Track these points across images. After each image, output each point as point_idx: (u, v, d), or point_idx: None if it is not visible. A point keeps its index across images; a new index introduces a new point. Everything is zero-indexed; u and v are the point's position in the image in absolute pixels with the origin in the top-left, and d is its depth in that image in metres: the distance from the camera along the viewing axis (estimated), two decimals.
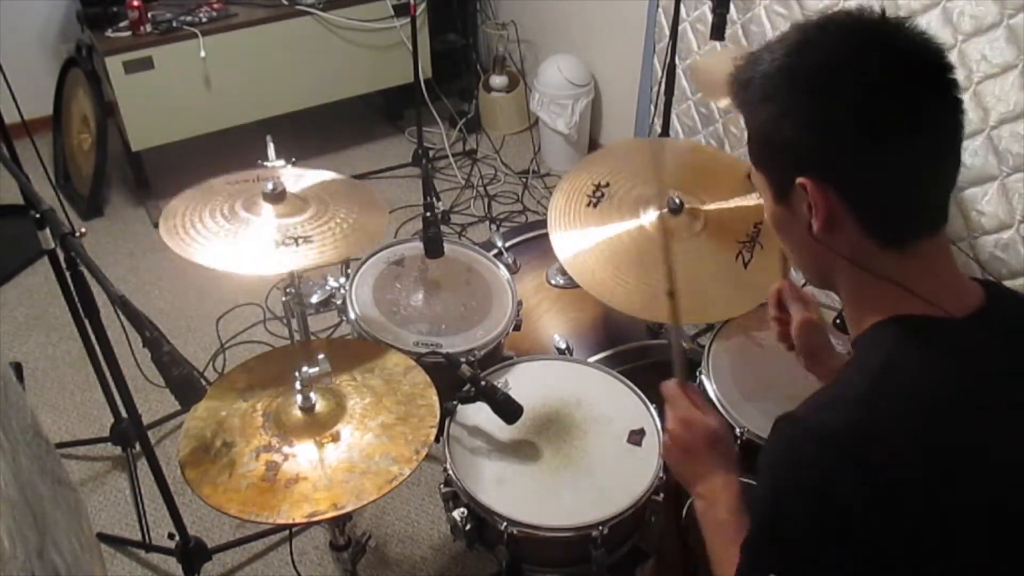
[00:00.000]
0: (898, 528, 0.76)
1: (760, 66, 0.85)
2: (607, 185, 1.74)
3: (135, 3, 2.90)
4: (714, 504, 1.00)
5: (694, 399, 1.08)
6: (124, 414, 1.63)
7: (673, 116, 2.74)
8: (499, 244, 2.04)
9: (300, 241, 1.51)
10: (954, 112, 0.82)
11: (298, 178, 1.69)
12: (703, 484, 1.02)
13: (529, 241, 2.12)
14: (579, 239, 1.67)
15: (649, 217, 1.68)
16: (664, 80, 2.41)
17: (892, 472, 0.76)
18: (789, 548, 0.79)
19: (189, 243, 1.48)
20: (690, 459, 1.04)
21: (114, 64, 2.92)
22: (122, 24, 2.97)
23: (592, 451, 1.49)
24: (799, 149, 0.83)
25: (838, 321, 1.64)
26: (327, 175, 1.74)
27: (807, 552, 0.78)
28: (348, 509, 1.24)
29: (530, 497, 1.41)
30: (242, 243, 1.50)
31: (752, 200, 1.79)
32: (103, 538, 2.07)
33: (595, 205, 1.71)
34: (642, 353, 1.85)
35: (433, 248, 1.74)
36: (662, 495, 1.44)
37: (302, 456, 1.32)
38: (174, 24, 3.00)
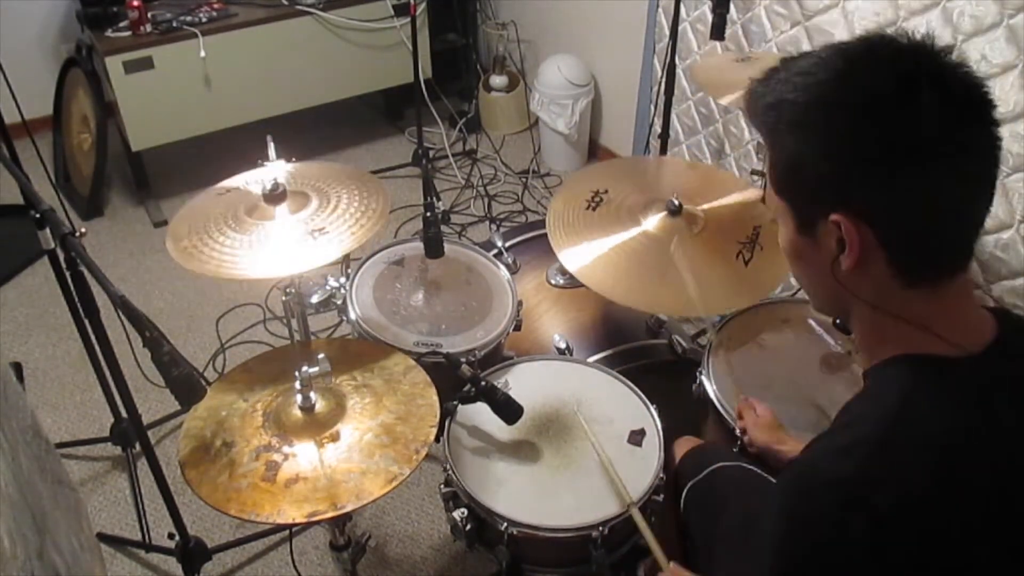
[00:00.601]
0: (910, 573, 0.75)
1: (790, 88, 0.80)
2: (605, 191, 1.75)
3: (135, 3, 2.90)
4: None
5: None
6: (124, 414, 1.63)
7: (673, 116, 2.74)
8: (499, 244, 2.05)
9: (319, 232, 1.50)
10: (994, 148, 0.80)
11: (279, 175, 1.67)
12: None
13: (529, 241, 2.12)
14: (584, 245, 1.67)
15: (651, 221, 1.69)
16: (664, 80, 2.41)
17: (905, 518, 0.75)
18: None
19: (211, 260, 1.46)
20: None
21: (114, 64, 2.92)
22: (122, 24, 2.97)
23: (592, 451, 1.49)
24: (837, 184, 0.79)
25: (838, 321, 1.64)
26: (314, 166, 1.74)
27: None
28: (348, 509, 1.24)
29: (530, 497, 1.41)
30: (270, 245, 1.49)
31: (748, 198, 1.79)
32: (103, 538, 2.07)
33: (594, 209, 1.72)
34: (642, 353, 1.85)
35: (433, 248, 1.74)
36: (662, 495, 1.44)
37: (302, 456, 1.32)
38: (174, 24, 3.00)
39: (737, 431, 1.47)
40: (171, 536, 1.71)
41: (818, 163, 0.79)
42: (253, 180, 1.68)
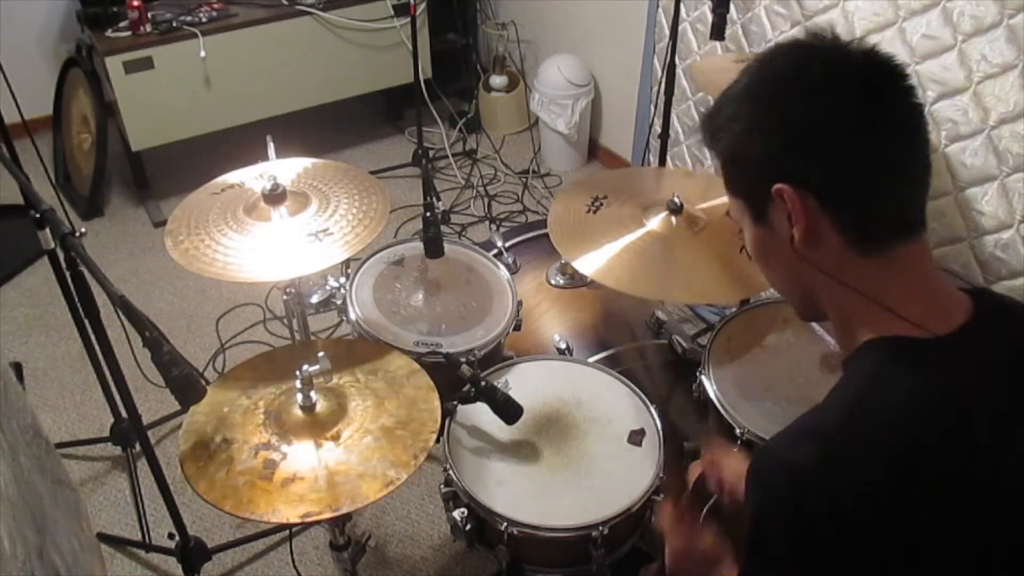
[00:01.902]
0: (871, 556, 0.77)
1: (724, 97, 0.90)
2: (605, 197, 1.75)
3: (135, 3, 2.90)
4: None
5: (689, 521, 1.13)
6: (124, 414, 1.63)
7: (673, 116, 2.74)
8: (499, 244, 2.04)
9: (324, 234, 1.50)
10: (911, 115, 0.84)
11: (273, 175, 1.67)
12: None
13: (529, 241, 2.12)
14: (590, 245, 1.67)
15: (654, 222, 1.69)
16: (664, 80, 2.41)
17: (861, 502, 0.77)
18: (775, 568, 0.82)
19: (212, 262, 1.47)
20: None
21: (114, 64, 2.92)
22: (122, 24, 2.97)
23: (592, 451, 1.49)
24: (770, 160, 0.85)
25: None
26: (306, 162, 1.74)
27: (791, 571, 0.81)
28: (344, 511, 1.24)
29: (530, 497, 1.41)
30: (270, 247, 1.49)
31: None
32: (103, 538, 2.07)
33: (595, 212, 1.72)
34: (642, 353, 1.85)
35: (433, 248, 1.74)
36: (662, 495, 1.44)
37: (300, 456, 1.31)
38: (174, 24, 3.00)
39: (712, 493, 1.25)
40: (171, 536, 1.71)
41: (751, 145, 0.86)
42: (253, 176, 1.68)
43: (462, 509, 1.44)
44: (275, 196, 1.57)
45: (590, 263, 1.63)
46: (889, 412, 0.79)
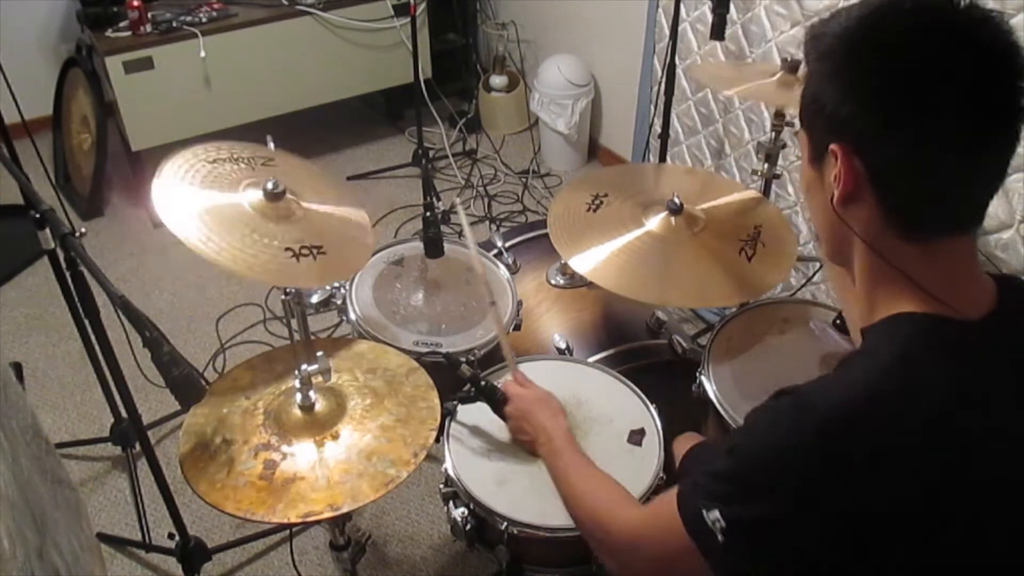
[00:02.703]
0: (876, 524, 0.76)
1: (831, 24, 0.84)
2: (605, 195, 1.75)
3: (135, 3, 2.90)
4: (551, 441, 1.29)
5: (527, 384, 1.43)
6: (124, 414, 1.63)
7: (673, 116, 2.74)
8: (499, 244, 2.04)
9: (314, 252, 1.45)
10: (1015, 120, 0.79)
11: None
12: (543, 434, 1.32)
13: (529, 241, 2.12)
14: (589, 245, 1.67)
15: (653, 221, 1.69)
16: (664, 80, 2.41)
17: (878, 469, 0.76)
18: (749, 497, 0.79)
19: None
20: (530, 417, 1.36)
21: (114, 64, 2.92)
22: (122, 24, 2.97)
23: (592, 451, 1.48)
24: (839, 113, 0.82)
25: (838, 321, 1.63)
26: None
27: (764, 508, 0.78)
28: (344, 510, 1.23)
29: (530, 497, 1.40)
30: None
31: (747, 198, 1.79)
32: (103, 538, 2.07)
33: (595, 211, 1.72)
34: (642, 353, 1.85)
35: (433, 248, 1.74)
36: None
37: (300, 456, 1.31)
38: (174, 24, 3.00)
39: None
40: (171, 536, 1.71)
41: (829, 91, 0.83)
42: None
43: (462, 509, 1.44)
44: (275, 196, 1.56)
45: (590, 266, 1.62)
46: (923, 386, 0.78)
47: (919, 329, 0.82)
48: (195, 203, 1.37)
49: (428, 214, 1.73)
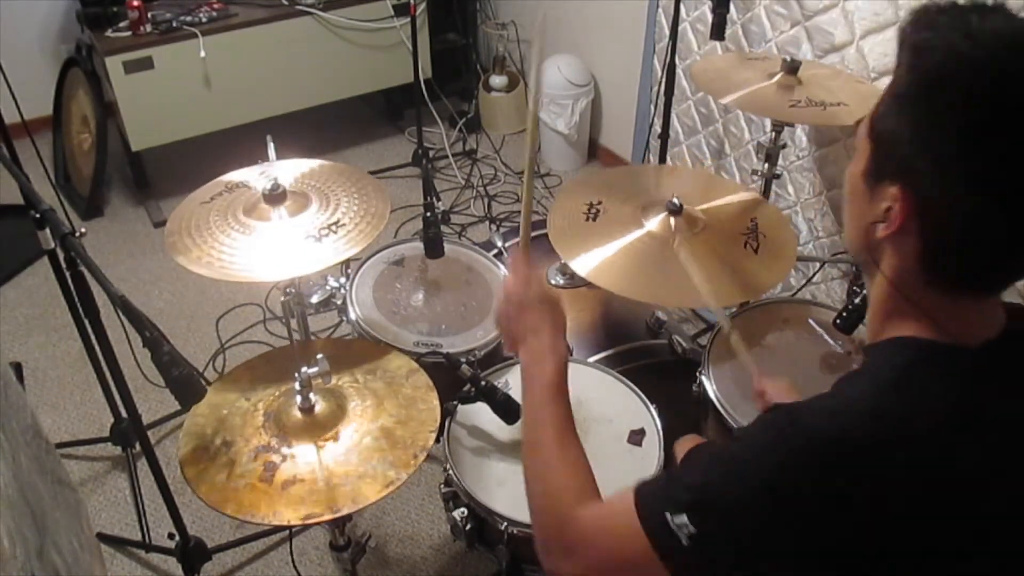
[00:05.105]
0: (861, 556, 0.75)
1: (945, 34, 0.74)
2: (599, 203, 1.75)
3: (135, 3, 2.90)
4: (541, 361, 1.01)
5: (533, 268, 1.10)
6: (124, 414, 1.63)
7: (673, 116, 2.74)
8: (499, 244, 2.04)
9: (335, 228, 1.49)
10: None
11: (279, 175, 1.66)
12: (534, 339, 1.03)
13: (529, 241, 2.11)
14: (592, 251, 1.67)
15: (653, 222, 1.69)
16: (664, 80, 2.41)
17: (875, 494, 0.74)
18: (727, 507, 0.77)
19: (212, 262, 1.44)
20: (523, 314, 1.05)
21: (114, 64, 2.92)
22: (122, 24, 2.97)
23: (592, 451, 1.48)
24: (915, 161, 0.76)
25: (838, 321, 1.63)
26: (306, 163, 1.73)
27: (738, 523, 0.77)
28: (344, 512, 1.24)
29: None
30: (271, 247, 1.48)
31: (744, 198, 1.79)
32: (103, 538, 2.07)
33: (594, 219, 1.71)
34: (642, 353, 1.85)
35: (433, 248, 1.74)
36: None
37: (300, 457, 1.31)
38: (174, 24, 3.00)
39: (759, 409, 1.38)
40: (171, 536, 1.71)
41: (911, 135, 0.76)
42: (254, 176, 1.68)
43: (462, 509, 1.44)
44: (275, 196, 1.57)
45: (590, 266, 1.62)
46: (922, 409, 0.77)
47: (920, 354, 0.81)
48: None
49: (428, 214, 1.73)
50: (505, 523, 1.37)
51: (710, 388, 1.58)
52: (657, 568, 0.79)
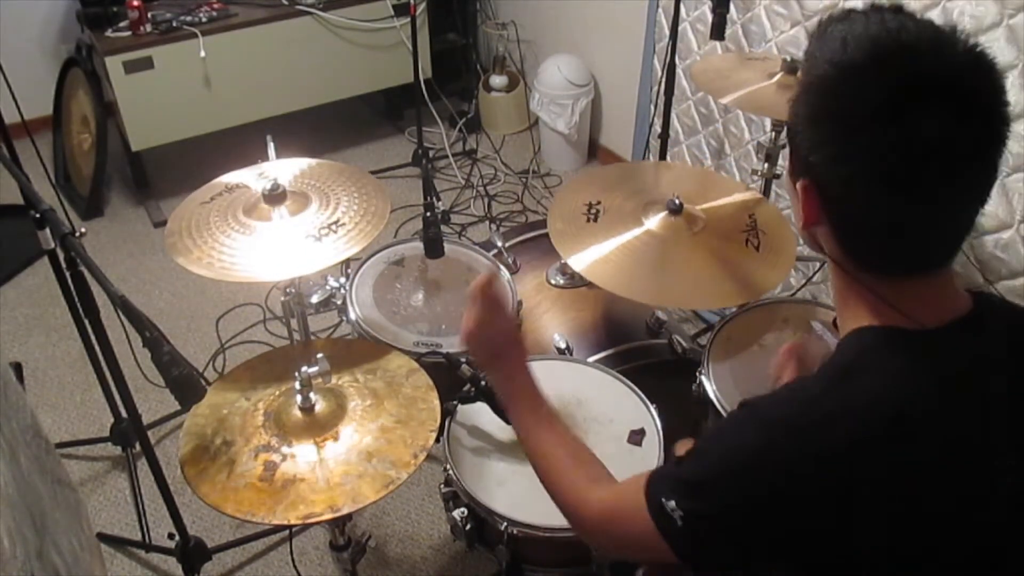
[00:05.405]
0: (811, 528, 0.79)
1: (824, 44, 0.82)
2: (598, 203, 1.75)
3: (135, 3, 2.90)
4: (513, 378, 1.11)
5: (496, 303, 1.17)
6: (124, 414, 1.63)
7: (673, 116, 2.74)
8: (499, 244, 2.05)
9: (335, 227, 1.50)
10: (986, 152, 0.78)
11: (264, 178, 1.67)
12: (498, 362, 1.14)
13: (529, 241, 2.12)
14: (593, 250, 1.67)
15: (652, 221, 1.69)
16: (664, 80, 2.41)
17: (819, 474, 0.78)
18: (703, 494, 0.83)
19: (213, 262, 1.46)
20: (490, 344, 1.15)
21: (114, 64, 2.92)
22: (122, 24, 2.97)
23: (592, 451, 1.49)
24: (810, 160, 0.83)
25: (838, 321, 1.63)
26: (305, 162, 1.74)
27: (715, 505, 0.83)
28: (344, 512, 1.24)
29: (530, 497, 1.40)
30: (271, 246, 1.49)
31: (744, 198, 1.80)
32: (103, 538, 2.07)
33: (594, 220, 1.71)
34: (642, 353, 1.85)
35: (433, 248, 1.74)
36: None
37: (300, 457, 1.31)
38: (174, 24, 3.00)
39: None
40: (171, 536, 1.71)
41: (807, 132, 0.83)
42: (254, 176, 1.68)
43: (462, 509, 1.45)
44: (275, 196, 1.57)
45: (590, 268, 1.62)
46: (868, 392, 0.80)
47: (870, 343, 0.84)
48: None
49: (428, 214, 1.73)
50: (505, 523, 1.37)
51: (710, 388, 1.58)
52: (665, 547, 0.86)
